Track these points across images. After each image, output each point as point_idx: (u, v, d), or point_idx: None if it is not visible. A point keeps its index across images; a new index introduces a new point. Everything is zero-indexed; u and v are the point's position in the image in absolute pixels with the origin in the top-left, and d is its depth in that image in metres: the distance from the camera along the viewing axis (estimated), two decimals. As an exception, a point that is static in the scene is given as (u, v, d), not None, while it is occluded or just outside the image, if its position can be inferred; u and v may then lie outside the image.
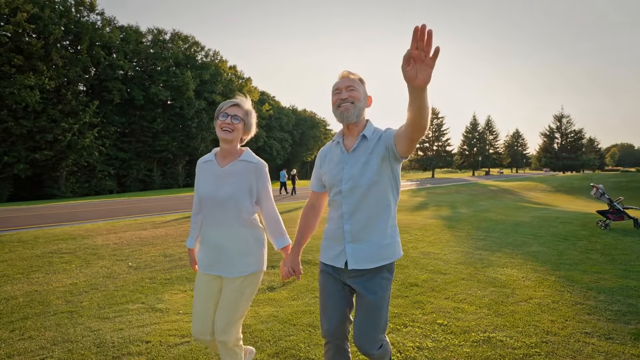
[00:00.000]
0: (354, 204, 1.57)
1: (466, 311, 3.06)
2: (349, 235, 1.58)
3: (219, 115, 1.78)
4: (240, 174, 1.78)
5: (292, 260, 1.77)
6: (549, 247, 5.76)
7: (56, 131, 29.26)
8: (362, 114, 1.62)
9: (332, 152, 1.70)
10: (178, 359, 2.42)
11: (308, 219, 1.80)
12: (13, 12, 26.63)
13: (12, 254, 6.75)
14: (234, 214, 1.75)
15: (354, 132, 1.64)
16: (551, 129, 60.83)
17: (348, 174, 1.58)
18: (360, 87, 1.63)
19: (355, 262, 1.56)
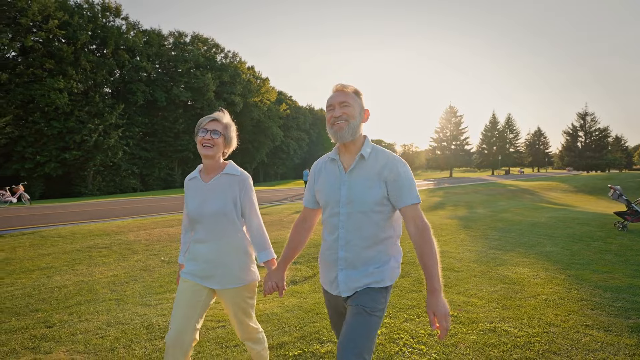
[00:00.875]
0: (351, 230, 1.48)
1: (475, 305, 3.31)
2: (343, 262, 1.50)
3: (199, 131, 1.78)
4: (225, 188, 1.79)
5: (277, 275, 1.69)
6: (563, 247, 5.89)
7: (83, 132, 30.57)
8: (358, 131, 1.52)
9: (328, 169, 1.59)
10: (216, 339, 2.78)
11: (299, 235, 1.72)
12: (45, 19, 27.96)
13: (55, 248, 7.34)
14: (222, 228, 1.76)
15: (351, 150, 1.54)
16: (574, 127, 59.18)
17: (346, 196, 1.48)
18: (355, 101, 1.52)
19: (347, 289, 1.50)
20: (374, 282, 1.47)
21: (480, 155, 65.62)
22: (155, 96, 38.18)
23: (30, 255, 6.72)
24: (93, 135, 31.13)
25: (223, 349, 2.63)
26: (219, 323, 3.11)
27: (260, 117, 49.07)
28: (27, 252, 7.06)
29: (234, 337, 2.81)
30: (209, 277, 1.78)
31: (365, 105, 1.56)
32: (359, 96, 1.55)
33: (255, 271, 1.87)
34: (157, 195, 24.00)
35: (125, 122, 35.69)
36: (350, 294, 1.49)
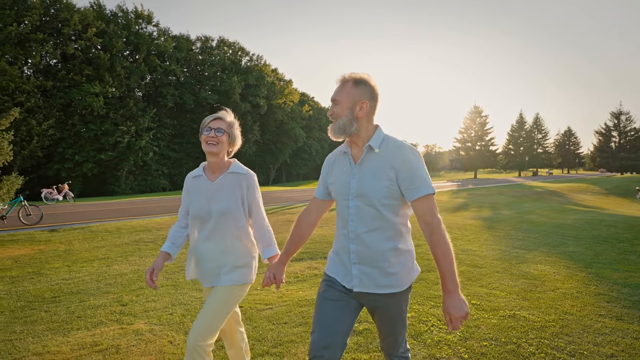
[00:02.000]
0: (360, 223, 1.44)
1: (497, 296, 3.63)
2: (355, 256, 1.46)
3: (203, 130, 1.79)
4: (232, 187, 1.80)
5: (276, 268, 1.68)
6: (587, 248, 6.04)
7: (117, 134, 32.19)
8: (353, 127, 1.44)
9: (339, 162, 1.56)
10: (267, 317, 3.23)
11: (302, 228, 1.67)
12: (85, 28, 29.68)
13: (106, 242, 8.08)
14: (228, 227, 1.77)
15: (357, 143, 1.49)
16: (607, 127, 56.89)
17: (355, 189, 1.45)
18: (347, 95, 1.45)
19: (361, 284, 1.45)
20: (395, 285, 1.43)
21: (506, 156, 64.09)
22: (183, 99, 39.63)
23: (86, 248, 7.46)
24: (126, 137, 32.72)
25: (274, 325, 3.08)
26: (267, 305, 3.57)
27: (283, 118, 49.91)
28: (83, 244, 7.82)
29: (283, 316, 3.26)
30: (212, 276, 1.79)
31: (366, 95, 1.45)
32: (358, 86, 1.45)
33: (254, 273, 1.88)
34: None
35: (156, 125, 37.26)
36: (362, 290, 1.45)
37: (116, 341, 2.82)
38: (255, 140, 45.36)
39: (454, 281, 1.29)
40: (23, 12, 26.17)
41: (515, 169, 65.71)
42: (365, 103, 1.45)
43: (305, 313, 3.33)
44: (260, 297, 3.80)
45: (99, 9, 33.22)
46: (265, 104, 46.22)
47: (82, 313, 3.50)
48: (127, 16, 34.89)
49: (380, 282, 1.43)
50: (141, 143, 33.94)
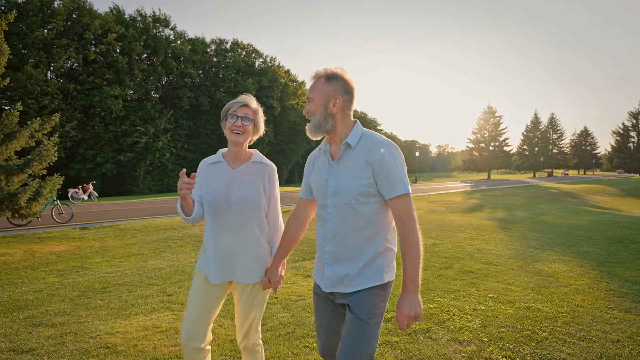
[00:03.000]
0: (337, 222, 1.41)
1: (513, 290, 3.90)
2: (329, 257, 1.44)
3: (228, 116, 1.69)
4: (255, 176, 1.74)
5: (271, 272, 1.68)
6: (600, 248, 6.23)
7: (135, 135, 33.11)
8: (328, 124, 1.42)
9: (319, 160, 1.54)
10: (302, 307, 3.57)
11: (291, 230, 1.67)
12: (105, 33, 30.64)
13: (137, 239, 8.56)
14: (249, 217, 1.70)
15: (335, 140, 1.46)
16: (626, 127, 55.75)
17: (332, 187, 1.42)
18: (319, 94, 1.42)
19: (331, 286, 1.44)
20: (367, 281, 1.39)
21: (520, 157, 63.36)
22: (199, 101, 40.45)
23: (119, 245, 7.94)
24: (144, 138, 33.63)
25: (309, 313, 3.41)
26: (300, 297, 3.91)
27: (296, 119, 50.42)
28: (115, 241, 8.32)
29: (315, 306, 3.59)
30: (230, 270, 1.71)
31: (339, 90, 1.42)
32: (330, 81, 1.42)
33: None
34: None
35: (173, 126, 38.16)
36: (333, 290, 1.43)
37: (172, 324, 3.20)
38: (269, 141, 45.94)
39: (414, 282, 1.30)
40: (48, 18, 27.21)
41: (530, 169, 64.88)
42: (339, 99, 1.41)
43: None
44: (292, 290, 4.15)
45: (118, 14, 34.22)
46: (279, 105, 46.78)
47: (134, 302, 3.91)
48: (145, 20, 35.83)
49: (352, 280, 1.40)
50: (158, 144, 34.81)
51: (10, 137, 6.24)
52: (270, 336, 2.85)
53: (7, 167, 5.88)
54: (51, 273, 5.60)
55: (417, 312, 1.29)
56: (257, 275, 1.72)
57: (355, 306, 1.37)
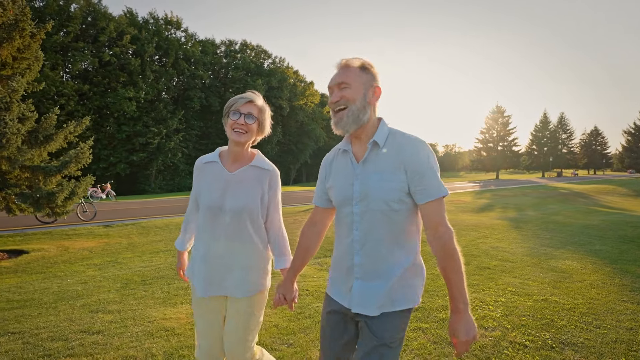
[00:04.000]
0: (366, 231, 1.27)
1: (530, 285, 4.14)
2: (359, 270, 1.28)
3: (230, 113, 1.55)
4: (253, 182, 1.59)
5: (285, 287, 1.51)
6: (612, 246, 6.42)
7: (148, 136, 33.73)
8: (365, 115, 1.27)
9: (338, 162, 1.39)
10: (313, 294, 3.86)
11: (308, 240, 1.50)
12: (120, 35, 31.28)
13: (161, 236, 8.93)
14: (244, 227, 1.56)
15: (362, 139, 1.31)
16: (637, 127, 55.11)
17: (360, 191, 1.27)
18: (358, 79, 1.27)
19: (360, 304, 1.27)
20: (397, 302, 1.25)
21: (529, 157, 62.98)
22: (209, 101, 40.99)
23: (146, 241, 8.31)
24: (156, 139, 34.23)
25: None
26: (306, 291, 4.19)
27: (304, 119, 50.77)
28: (141, 239, 8.69)
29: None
30: (220, 282, 1.57)
31: (377, 81, 1.30)
32: (366, 71, 1.29)
33: (269, 278, 1.69)
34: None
35: (184, 127, 38.76)
36: (362, 311, 1.26)
37: (218, 312, 3.51)
38: (278, 141, 46.35)
39: (464, 300, 1.16)
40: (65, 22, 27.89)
41: (539, 169, 64.45)
42: (379, 88, 1.30)
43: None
44: (321, 283, 4.44)
45: (131, 17, 34.86)
46: (287, 106, 47.17)
47: (176, 292, 4.22)
48: (157, 22, 36.44)
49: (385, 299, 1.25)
50: (170, 144, 35.41)
51: (48, 139, 6.62)
52: (310, 322, 3.13)
53: (47, 169, 6.25)
54: (89, 267, 5.96)
55: (474, 334, 1.15)
56: (253, 287, 1.58)
57: (380, 329, 1.24)
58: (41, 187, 6.50)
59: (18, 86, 5.70)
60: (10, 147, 5.56)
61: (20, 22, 5.69)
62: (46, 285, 4.78)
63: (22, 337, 2.82)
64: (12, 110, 5.73)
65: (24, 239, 8.63)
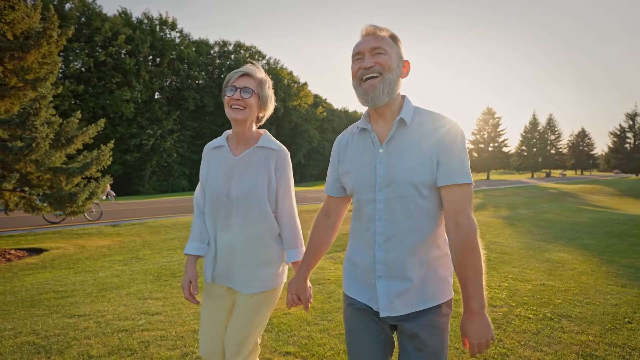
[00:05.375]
0: (391, 221, 1.12)
1: (529, 273, 4.63)
2: (383, 268, 1.13)
3: (226, 90, 1.44)
4: (259, 164, 1.47)
5: (298, 287, 1.37)
6: (600, 241, 6.98)
7: (143, 136, 33.76)
8: (397, 89, 1.14)
9: (356, 143, 1.22)
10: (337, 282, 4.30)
11: (321, 233, 1.37)
12: (115, 35, 31.29)
13: (171, 235, 9.25)
14: (252, 214, 1.45)
15: (385, 116, 1.16)
16: (622, 128, 56.82)
17: (384, 176, 1.12)
18: (392, 48, 1.13)
19: (388, 307, 1.12)
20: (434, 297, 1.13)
21: (519, 157, 64.35)
22: (204, 102, 41.12)
23: (159, 239, 8.63)
24: (151, 139, 34.28)
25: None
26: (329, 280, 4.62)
27: (298, 120, 51.18)
28: (153, 237, 9.01)
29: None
30: (228, 274, 1.49)
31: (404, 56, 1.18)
32: (396, 42, 1.16)
33: (284, 272, 1.58)
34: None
35: (179, 127, 38.84)
36: (391, 314, 1.12)
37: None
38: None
39: (480, 299, 1.05)
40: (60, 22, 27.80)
41: (528, 170, 65.88)
42: (408, 62, 1.18)
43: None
44: (339, 273, 4.87)
45: (125, 17, 34.85)
46: (282, 107, 47.50)
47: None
48: (152, 22, 36.48)
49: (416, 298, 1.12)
50: (165, 145, 35.48)
51: (69, 142, 6.93)
52: (341, 304, 3.55)
53: (70, 170, 6.56)
54: (114, 263, 6.28)
55: (490, 336, 1.05)
56: (261, 284, 1.46)
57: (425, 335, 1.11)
58: (63, 187, 6.80)
59: (47, 92, 6.00)
60: (39, 150, 5.86)
61: (49, 30, 5.99)
62: (82, 278, 5.12)
63: (90, 318, 3.19)
64: (40, 115, 6.03)
65: (35, 238, 8.88)
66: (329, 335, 2.70)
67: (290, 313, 3.17)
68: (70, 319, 3.20)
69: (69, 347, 2.51)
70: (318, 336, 2.67)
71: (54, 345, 2.53)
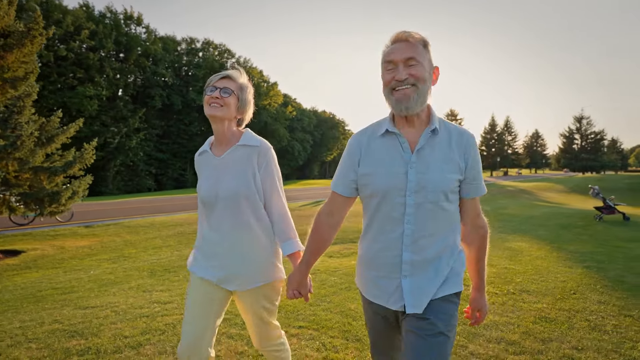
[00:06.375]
0: (420, 225, 1.18)
1: (493, 259, 5.27)
2: (409, 267, 1.19)
3: (207, 89, 1.48)
4: (242, 162, 1.49)
5: (299, 283, 1.39)
6: (551, 232, 7.89)
7: (107, 135, 32.51)
8: (429, 97, 1.19)
9: (380, 146, 1.24)
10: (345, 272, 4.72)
11: (323, 235, 1.35)
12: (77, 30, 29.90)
13: (152, 234, 9.29)
14: (242, 215, 1.47)
15: (414, 123, 1.20)
16: (571, 130, 61.39)
17: (415, 181, 1.17)
18: (424, 56, 1.16)
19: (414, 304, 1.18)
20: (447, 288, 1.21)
21: (479, 157, 67.75)
22: (171, 100, 40.12)
23: (141, 239, 8.66)
24: (116, 138, 33.07)
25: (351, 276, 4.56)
26: (336, 269, 5.05)
27: (268, 119, 51.09)
28: (134, 237, 9.01)
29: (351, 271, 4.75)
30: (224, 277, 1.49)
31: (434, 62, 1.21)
32: (427, 49, 1.18)
33: (282, 267, 1.59)
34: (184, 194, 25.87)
35: (145, 126, 37.68)
36: (417, 311, 1.18)
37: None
38: (242, 141, 46.38)
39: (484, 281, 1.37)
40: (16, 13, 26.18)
41: (488, 169, 69.58)
42: (437, 69, 1.23)
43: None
44: (337, 264, 5.28)
45: (87, 10, 33.35)
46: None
47: (205, 276, 4.87)
48: (116, 17, 35.14)
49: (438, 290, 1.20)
50: (131, 144, 34.34)
51: (50, 140, 6.89)
52: (335, 289, 3.97)
53: (52, 169, 6.53)
54: (102, 261, 6.34)
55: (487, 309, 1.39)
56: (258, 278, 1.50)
57: (436, 318, 1.17)
58: (45, 186, 6.75)
59: (32, 90, 5.97)
60: (24, 149, 5.84)
61: (33, 30, 5.96)
62: (75, 276, 5.20)
63: (106, 308, 3.40)
64: (24, 113, 5.99)
65: (5, 240, 8.61)
66: (332, 313, 3.11)
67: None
68: (84, 310, 3.40)
69: (99, 330, 2.75)
70: (322, 314, 3.08)
71: (85, 330, 2.76)
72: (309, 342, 2.51)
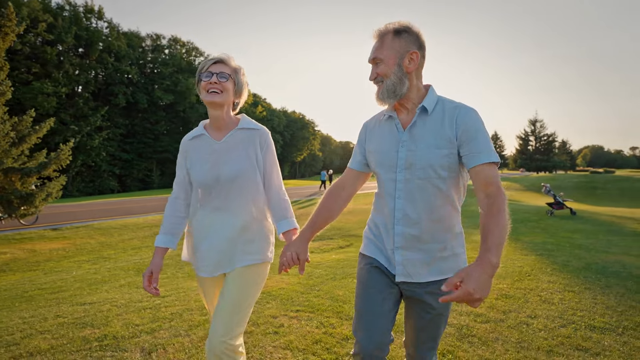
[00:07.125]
0: (409, 200, 1.23)
1: (459, 251, 5.85)
2: (401, 240, 1.25)
3: (202, 75, 1.44)
4: (244, 145, 1.50)
5: (299, 246, 1.37)
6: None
7: (66, 133, 30.93)
8: (404, 86, 1.23)
9: (382, 128, 1.34)
10: (325, 269, 5.06)
11: (332, 202, 1.42)
12: (33, 22, 28.23)
13: (127, 235, 9.21)
14: (243, 196, 1.48)
15: (407, 106, 1.27)
16: (526, 132, 65.43)
17: (405, 158, 1.23)
18: (390, 50, 1.22)
19: (404, 273, 1.26)
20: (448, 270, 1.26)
21: (443, 157, 70.48)
22: (136, 98, 38.76)
23: (116, 240, 8.58)
24: (77, 137, 31.53)
25: (335, 269, 4.91)
26: (316, 266, 5.38)
27: (238, 119, 50.57)
28: (108, 238, 8.89)
29: (334, 269, 5.10)
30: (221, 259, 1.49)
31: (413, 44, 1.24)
32: (400, 36, 1.23)
33: (272, 250, 1.60)
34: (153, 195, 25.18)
35: (107, 124, 36.15)
36: (405, 280, 1.26)
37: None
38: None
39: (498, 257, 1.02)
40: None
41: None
42: (415, 53, 1.24)
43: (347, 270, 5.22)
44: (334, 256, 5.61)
45: (43, 2, 31.55)
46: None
47: (192, 273, 5.04)
48: (75, 10, 33.47)
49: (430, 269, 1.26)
50: (93, 143, 32.88)
51: (22, 141, 6.74)
52: (322, 279, 4.30)
53: (25, 170, 6.40)
54: (82, 262, 6.30)
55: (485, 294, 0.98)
56: (256, 255, 1.51)
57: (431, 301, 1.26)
58: (17, 188, 6.59)
59: (5, 89, 5.85)
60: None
61: (5, 27, 5.85)
62: (57, 277, 5.18)
63: (105, 304, 3.53)
64: (-3, 113, 5.86)
65: (-35, 245, 8.22)
66: (323, 299, 3.44)
67: (283, 287, 3.84)
68: (83, 306, 3.51)
69: (109, 321, 2.92)
70: (315, 300, 3.40)
71: (93, 322, 2.91)
72: (308, 322, 2.82)
